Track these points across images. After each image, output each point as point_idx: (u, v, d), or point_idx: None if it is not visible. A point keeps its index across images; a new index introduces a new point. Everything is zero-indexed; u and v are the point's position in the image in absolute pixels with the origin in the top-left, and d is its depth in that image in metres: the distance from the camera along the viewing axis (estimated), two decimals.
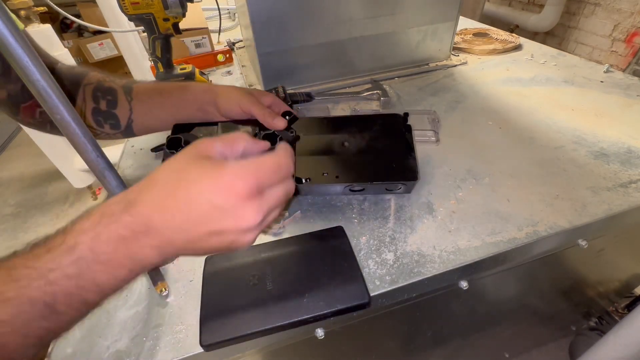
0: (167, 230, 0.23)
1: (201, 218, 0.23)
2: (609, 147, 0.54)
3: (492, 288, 0.56)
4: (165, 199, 0.23)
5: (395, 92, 0.74)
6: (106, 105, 0.44)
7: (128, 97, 0.45)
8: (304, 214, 0.46)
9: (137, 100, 0.45)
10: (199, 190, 0.23)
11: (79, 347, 0.33)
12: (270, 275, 0.36)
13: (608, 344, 0.67)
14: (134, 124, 0.46)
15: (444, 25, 0.78)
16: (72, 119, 0.27)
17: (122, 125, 0.46)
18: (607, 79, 0.74)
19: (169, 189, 0.23)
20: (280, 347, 0.41)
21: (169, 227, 0.23)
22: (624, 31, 1.95)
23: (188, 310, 0.36)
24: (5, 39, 0.22)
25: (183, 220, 0.23)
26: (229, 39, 1.02)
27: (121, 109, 0.45)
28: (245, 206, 0.23)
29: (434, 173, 0.51)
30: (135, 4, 0.62)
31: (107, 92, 0.44)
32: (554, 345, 1.05)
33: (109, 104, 0.44)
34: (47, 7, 1.15)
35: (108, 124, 0.45)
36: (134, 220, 0.22)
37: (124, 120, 0.45)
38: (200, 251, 0.25)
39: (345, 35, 0.71)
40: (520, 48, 0.93)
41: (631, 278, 0.84)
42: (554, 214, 0.44)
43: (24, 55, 0.24)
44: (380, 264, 0.39)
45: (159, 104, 0.46)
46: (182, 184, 0.23)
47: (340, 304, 0.34)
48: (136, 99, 0.45)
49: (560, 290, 0.72)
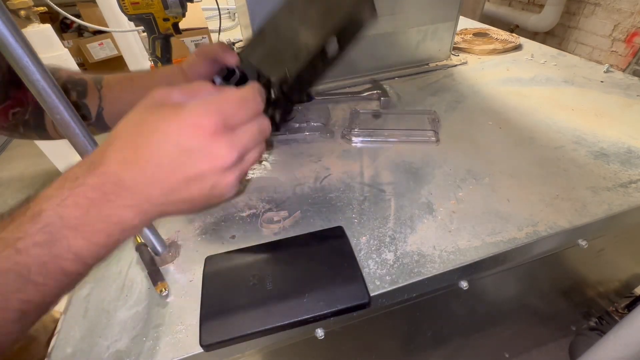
0: (140, 185, 0.21)
1: (172, 164, 0.21)
2: (609, 147, 0.54)
3: (492, 288, 0.56)
4: (130, 152, 0.21)
5: (395, 92, 0.74)
6: (76, 95, 0.44)
7: (98, 85, 0.45)
8: (304, 214, 0.46)
9: (106, 88, 0.45)
10: (164, 136, 0.21)
11: (79, 347, 0.33)
12: (270, 275, 0.36)
13: (608, 344, 0.67)
14: (105, 112, 0.46)
15: (444, 25, 0.78)
16: (72, 119, 0.27)
17: (93, 115, 0.45)
18: (607, 79, 0.74)
19: (132, 142, 0.22)
20: (280, 347, 0.41)
21: (141, 182, 0.21)
22: (624, 31, 1.95)
23: (188, 310, 0.36)
24: (5, 39, 0.22)
25: (154, 171, 0.21)
26: (229, 39, 1.02)
27: (91, 98, 0.45)
28: (215, 143, 0.22)
29: (434, 173, 0.51)
30: (135, 4, 0.62)
31: (76, 84, 0.44)
32: (554, 345, 1.05)
33: (78, 95, 0.44)
34: (47, 7, 1.15)
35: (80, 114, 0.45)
36: (100, 181, 0.21)
37: (94, 108, 0.45)
38: (183, 204, 0.24)
39: None
40: (520, 48, 0.93)
41: (631, 278, 0.84)
42: (554, 214, 0.44)
43: (23, 55, 0.24)
44: (380, 264, 0.39)
45: (128, 89, 0.46)
46: (145, 133, 0.22)
47: (340, 304, 0.34)
48: (106, 87, 0.45)
49: (560, 290, 0.72)
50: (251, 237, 0.43)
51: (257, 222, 0.45)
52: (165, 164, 0.21)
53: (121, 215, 0.22)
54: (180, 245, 0.43)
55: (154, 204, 0.22)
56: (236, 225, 0.45)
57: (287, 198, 0.49)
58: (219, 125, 0.22)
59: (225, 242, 0.43)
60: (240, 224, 0.45)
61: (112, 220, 0.21)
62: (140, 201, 0.22)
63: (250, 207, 0.48)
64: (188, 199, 0.23)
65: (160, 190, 0.22)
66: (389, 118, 0.65)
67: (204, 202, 0.24)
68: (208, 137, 0.22)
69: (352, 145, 0.59)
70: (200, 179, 0.22)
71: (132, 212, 0.22)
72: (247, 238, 0.43)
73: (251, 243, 0.42)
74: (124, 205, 0.22)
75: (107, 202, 0.21)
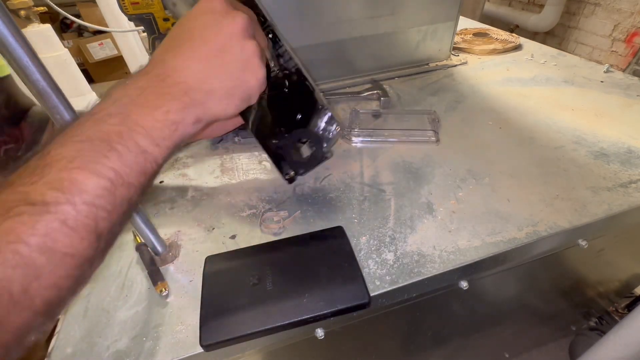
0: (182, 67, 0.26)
1: (200, 39, 0.27)
2: (609, 147, 0.54)
3: (492, 288, 0.56)
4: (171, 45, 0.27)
5: (395, 92, 0.74)
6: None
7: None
8: (304, 214, 0.46)
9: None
10: (188, 21, 0.28)
11: (79, 347, 0.33)
12: (270, 275, 0.36)
13: (608, 344, 0.67)
14: None
15: (444, 25, 0.78)
16: (71, 120, 0.27)
17: None
18: (607, 79, 0.74)
19: (171, 41, 0.28)
20: (280, 347, 0.41)
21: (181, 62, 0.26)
22: (624, 31, 1.95)
23: (188, 310, 0.36)
24: (5, 39, 0.22)
25: (189, 47, 0.26)
26: None
27: None
28: (227, 15, 0.27)
29: (434, 173, 0.51)
30: (135, 4, 0.62)
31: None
32: (554, 345, 1.05)
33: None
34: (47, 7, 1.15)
35: None
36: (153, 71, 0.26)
37: None
38: (219, 72, 0.27)
39: (345, 35, 0.71)
40: (520, 48, 0.93)
41: (631, 278, 0.84)
42: (554, 214, 0.44)
43: (24, 55, 0.24)
44: (380, 264, 0.39)
45: None
46: (177, 29, 0.28)
47: (340, 304, 0.34)
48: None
49: (560, 290, 0.72)
50: (251, 237, 0.43)
51: (257, 222, 0.45)
52: (196, 39, 0.27)
53: (174, 93, 0.25)
54: (180, 245, 0.43)
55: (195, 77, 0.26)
56: (236, 225, 0.45)
57: (287, 198, 0.49)
58: (224, 4, 0.27)
59: (225, 242, 0.43)
60: (240, 224, 0.45)
61: (166, 97, 0.25)
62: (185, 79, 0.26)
63: (250, 207, 0.48)
64: (224, 69, 0.27)
65: (198, 62, 0.26)
66: (389, 118, 0.65)
67: (239, 71, 0.28)
68: (219, 14, 0.27)
69: (352, 145, 0.59)
70: (229, 43, 0.27)
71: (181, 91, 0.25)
72: (247, 238, 0.43)
73: (251, 243, 0.42)
74: (174, 82, 0.25)
75: (161, 82, 0.25)
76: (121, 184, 0.22)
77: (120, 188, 0.22)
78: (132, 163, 0.22)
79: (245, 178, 0.53)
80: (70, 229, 0.19)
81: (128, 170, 0.22)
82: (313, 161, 0.44)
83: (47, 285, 0.19)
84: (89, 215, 0.20)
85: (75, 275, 0.20)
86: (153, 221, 0.40)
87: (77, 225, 0.20)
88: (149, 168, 0.23)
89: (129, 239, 0.44)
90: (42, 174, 0.20)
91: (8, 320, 0.18)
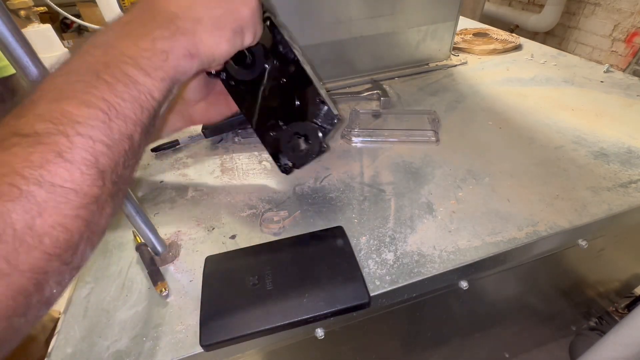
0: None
1: None
2: (609, 147, 0.54)
3: (492, 288, 0.56)
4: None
5: (395, 92, 0.74)
6: None
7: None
8: (304, 214, 0.46)
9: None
10: None
11: (79, 347, 0.33)
12: (270, 275, 0.36)
13: (608, 344, 0.67)
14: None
15: (444, 25, 0.78)
16: None
17: None
18: (607, 79, 0.74)
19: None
20: (280, 347, 0.41)
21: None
22: (624, 31, 1.95)
23: (188, 310, 0.36)
24: (5, 39, 0.23)
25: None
26: None
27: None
28: None
29: (434, 173, 0.51)
30: None
31: None
32: (554, 345, 1.05)
33: None
34: (47, 7, 1.15)
35: None
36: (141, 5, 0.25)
37: None
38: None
39: (345, 35, 0.71)
40: (520, 48, 0.93)
41: (631, 278, 0.84)
42: (554, 214, 0.44)
43: (24, 56, 0.24)
44: (380, 264, 0.39)
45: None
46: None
47: (340, 304, 0.34)
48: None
49: (560, 290, 0.72)
50: (251, 237, 0.43)
51: (257, 222, 0.45)
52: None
53: (159, 21, 0.24)
54: (180, 245, 0.43)
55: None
56: (236, 225, 0.45)
57: (287, 198, 0.49)
58: None
59: (225, 242, 0.43)
60: (240, 224, 0.45)
61: (152, 26, 0.24)
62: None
63: (250, 207, 0.48)
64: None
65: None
66: (389, 118, 0.65)
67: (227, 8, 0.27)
68: None
69: (352, 145, 0.59)
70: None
71: (167, 18, 0.25)
72: (247, 238, 0.43)
73: (251, 243, 0.42)
74: (159, 11, 0.25)
75: (145, 13, 0.25)
76: (116, 116, 0.20)
77: (116, 120, 0.20)
78: (124, 93, 0.21)
79: (245, 178, 0.53)
80: (67, 161, 0.18)
81: (120, 101, 0.21)
82: (310, 154, 0.44)
83: (53, 223, 0.18)
84: (86, 147, 0.19)
85: (84, 217, 0.19)
86: (153, 221, 0.40)
87: (74, 157, 0.18)
88: (145, 101, 0.22)
89: (129, 239, 0.44)
90: (31, 108, 0.19)
91: (18, 260, 0.17)
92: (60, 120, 0.18)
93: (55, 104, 0.19)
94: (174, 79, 0.24)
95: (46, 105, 0.19)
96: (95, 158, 0.19)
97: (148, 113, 0.22)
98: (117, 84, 0.21)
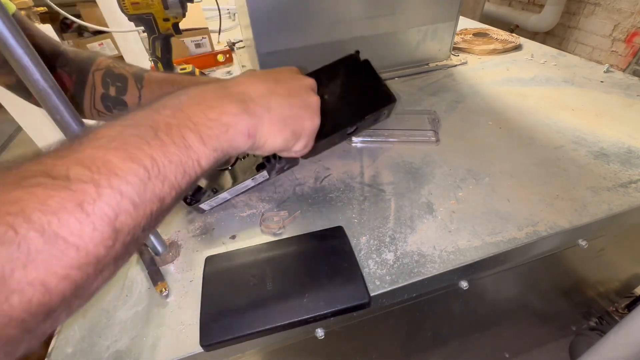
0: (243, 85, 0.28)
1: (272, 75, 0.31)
2: (609, 147, 0.54)
3: (492, 288, 0.56)
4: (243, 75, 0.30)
5: (395, 92, 0.74)
6: (115, 91, 0.44)
7: (138, 84, 0.45)
8: (304, 214, 0.46)
9: (147, 89, 0.45)
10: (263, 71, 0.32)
11: (79, 347, 0.33)
12: (270, 275, 0.36)
13: (608, 344, 0.67)
14: None
15: (444, 25, 0.78)
16: (72, 120, 0.27)
17: None
18: (607, 79, 0.74)
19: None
20: (280, 347, 0.41)
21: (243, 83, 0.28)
22: (624, 31, 1.95)
23: (188, 310, 0.36)
24: (5, 39, 0.22)
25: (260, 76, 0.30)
26: (229, 39, 1.02)
27: (130, 96, 0.45)
28: (300, 74, 0.33)
29: (434, 173, 0.51)
30: (135, 4, 0.62)
31: (117, 79, 0.44)
32: (554, 345, 1.05)
33: (118, 90, 0.44)
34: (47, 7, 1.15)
35: (117, 109, 0.45)
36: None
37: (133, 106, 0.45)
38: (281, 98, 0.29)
39: (345, 35, 0.71)
40: (520, 48, 0.93)
41: (631, 278, 0.84)
42: (554, 214, 0.44)
43: (24, 56, 0.24)
44: (380, 264, 0.39)
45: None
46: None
47: (340, 304, 0.34)
48: (147, 87, 0.45)
49: (560, 290, 0.72)
50: (251, 237, 0.43)
51: (257, 222, 0.45)
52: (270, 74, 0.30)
53: (232, 97, 0.26)
54: (180, 245, 0.43)
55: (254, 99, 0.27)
56: (236, 225, 0.45)
57: (287, 198, 0.49)
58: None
59: (225, 242, 0.43)
60: (240, 224, 0.45)
61: (224, 100, 0.25)
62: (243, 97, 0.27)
63: (250, 207, 0.48)
64: (286, 99, 0.29)
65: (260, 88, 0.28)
66: (389, 118, 0.65)
67: (299, 108, 0.30)
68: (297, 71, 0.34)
69: (352, 145, 0.59)
70: (297, 87, 0.31)
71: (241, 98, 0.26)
72: (247, 238, 0.43)
73: (251, 243, 0.42)
74: (236, 91, 0.27)
75: (222, 88, 0.26)
76: (156, 176, 0.19)
77: (154, 180, 0.19)
78: (173, 155, 0.21)
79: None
80: (84, 212, 0.16)
81: (167, 162, 0.20)
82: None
83: (34, 279, 0.15)
84: (111, 202, 0.17)
85: (74, 278, 0.16)
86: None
87: (94, 210, 0.17)
88: (190, 167, 0.22)
89: None
90: (76, 149, 0.18)
91: None
92: (99, 169, 0.18)
93: (102, 152, 0.18)
94: (225, 151, 0.24)
95: (91, 151, 0.18)
96: (116, 215, 0.18)
97: (189, 179, 0.22)
98: (171, 145, 0.21)
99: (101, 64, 0.45)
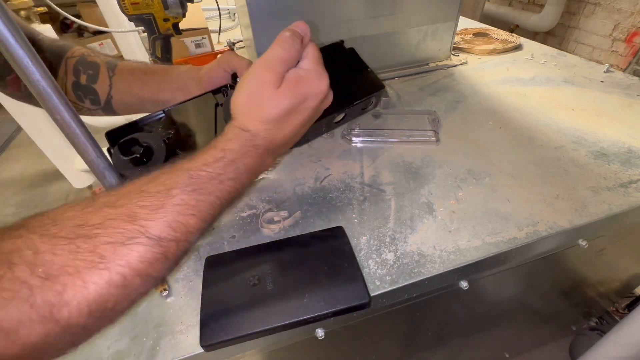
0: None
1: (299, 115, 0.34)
2: (609, 147, 0.54)
3: (492, 288, 0.56)
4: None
5: (395, 92, 0.74)
6: (86, 79, 0.43)
7: (110, 72, 0.44)
8: (304, 214, 0.46)
9: (118, 77, 0.44)
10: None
11: (79, 347, 0.33)
12: (270, 275, 0.36)
13: (608, 344, 0.67)
14: (113, 100, 0.45)
15: (444, 25, 0.78)
16: (72, 120, 0.27)
17: (102, 101, 0.45)
18: (607, 78, 0.74)
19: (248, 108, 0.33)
20: (280, 347, 0.41)
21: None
22: (624, 31, 1.95)
23: (188, 310, 0.36)
24: (5, 39, 0.22)
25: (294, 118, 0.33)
26: (229, 39, 1.02)
27: (101, 84, 0.44)
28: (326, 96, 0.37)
29: (434, 173, 0.51)
30: (135, 4, 0.62)
31: (88, 66, 0.43)
32: (554, 345, 1.05)
33: (89, 78, 0.43)
34: (47, 7, 1.15)
35: (88, 99, 0.44)
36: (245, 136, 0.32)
37: (103, 95, 0.44)
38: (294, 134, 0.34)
39: (345, 35, 0.71)
40: (520, 48, 0.93)
41: (631, 278, 0.84)
42: (554, 214, 0.44)
43: (24, 56, 0.24)
44: (381, 264, 0.39)
45: (139, 82, 0.45)
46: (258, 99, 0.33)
47: (340, 304, 0.34)
48: (118, 75, 0.44)
49: (560, 290, 0.72)
50: (251, 237, 0.43)
51: (257, 222, 0.45)
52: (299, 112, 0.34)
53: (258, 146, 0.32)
54: None
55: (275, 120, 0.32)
56: (236, 225, 0.45)
57: (287, 198, 0.49)
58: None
59: (225, 242, 0.43)
60: (240, 224, 0.45)
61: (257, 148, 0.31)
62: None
63: (250, 207, 0.48)
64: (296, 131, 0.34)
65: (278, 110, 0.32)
66: (389, 118, 0.65)
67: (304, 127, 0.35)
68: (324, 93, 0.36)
69: (352, 145, 0.59)
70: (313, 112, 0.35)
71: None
72: (247, 238, 0.43)
73: (251, 243, 0.42)
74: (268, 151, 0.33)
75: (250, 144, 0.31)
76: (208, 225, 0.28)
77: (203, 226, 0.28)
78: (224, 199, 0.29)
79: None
80: (106, 268, 0.21)
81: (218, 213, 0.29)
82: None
83: (16, 323, 0.19)
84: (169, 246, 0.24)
85: (51, 342, 0.21)
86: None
87: (152, 255, 0.23)
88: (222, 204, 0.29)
89: None
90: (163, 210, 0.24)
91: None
92: (180, 230, 0.25)
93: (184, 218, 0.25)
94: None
95: (175, 217, 0.25)
96: (165, 253, 0.25)
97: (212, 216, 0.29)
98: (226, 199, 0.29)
99: (75, 52, 0.44)
